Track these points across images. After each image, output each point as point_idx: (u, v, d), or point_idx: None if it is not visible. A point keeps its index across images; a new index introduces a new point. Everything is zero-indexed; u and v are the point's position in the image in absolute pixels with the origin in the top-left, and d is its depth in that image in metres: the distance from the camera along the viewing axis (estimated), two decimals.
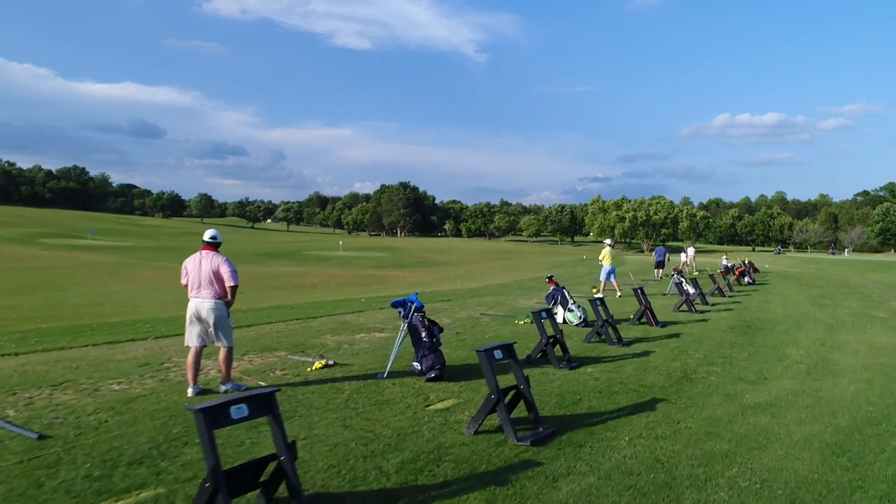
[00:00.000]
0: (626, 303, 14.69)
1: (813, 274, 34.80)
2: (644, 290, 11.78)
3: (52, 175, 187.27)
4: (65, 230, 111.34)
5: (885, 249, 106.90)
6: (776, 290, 21.39)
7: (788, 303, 16.75)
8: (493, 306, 14.47)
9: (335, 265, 69.50)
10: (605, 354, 8.48)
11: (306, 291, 32.74)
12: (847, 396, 6.55)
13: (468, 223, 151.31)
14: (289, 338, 9.32)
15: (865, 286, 25.11)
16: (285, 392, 6.00)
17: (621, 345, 9.15)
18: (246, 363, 7.46)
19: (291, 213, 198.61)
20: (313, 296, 26.82)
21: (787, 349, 9.27)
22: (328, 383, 6.47)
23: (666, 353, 8.66)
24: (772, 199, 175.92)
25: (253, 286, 39.89)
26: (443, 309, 13.57)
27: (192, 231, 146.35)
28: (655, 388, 6.59)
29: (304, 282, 42.15)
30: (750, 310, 14.63)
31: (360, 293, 28.79)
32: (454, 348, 8.61)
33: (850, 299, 18.32)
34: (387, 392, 6.15)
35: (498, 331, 10.35)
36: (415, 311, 6.87)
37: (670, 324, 11.66)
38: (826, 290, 21.93)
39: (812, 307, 15.74)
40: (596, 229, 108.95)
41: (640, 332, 10.50)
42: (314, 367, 7.10)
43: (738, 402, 6.15)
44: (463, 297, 17.64)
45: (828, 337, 10.73)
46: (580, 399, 6.07)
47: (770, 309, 15.00)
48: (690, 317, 12.89)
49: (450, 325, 11.08)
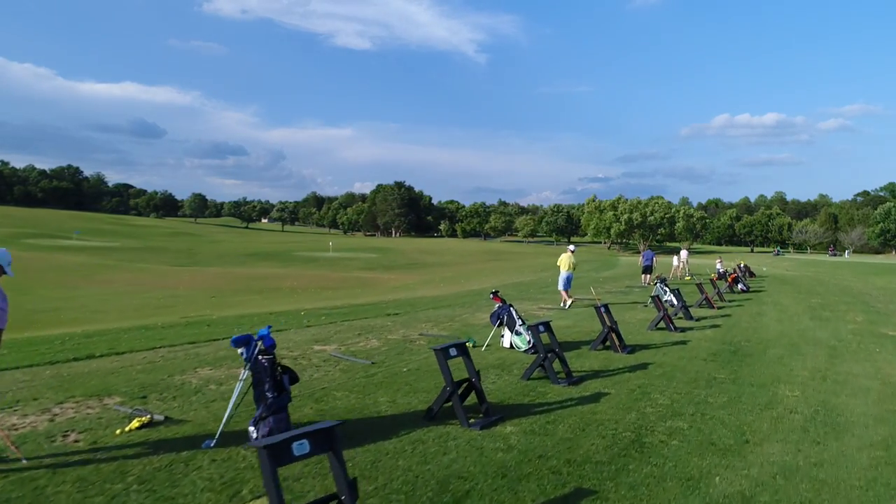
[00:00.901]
0: (593, 321, 12.73)
1: (812, 278, 32.86)
2: (609, 307, 9.83)
3: (45, 174, 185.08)
4: (52, 230, 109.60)
5: (886, 251, 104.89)
6: (772, 298, 19.47)
7: (784, 316, 14.82)
8: (442, 322, 12.54)
9: (322, 267, 68.04)
10: (542, 400, 6.53)
11: (280, 297, 30.86)
12: (857, 476, 4.63)
13: (463, 223, 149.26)
14: (149, 373, 7.37)
15: (869, 293, 23.18)
16: (31, 476, 4.07)
17: (568, 382, 7.20)
18: (43, 418, 5.50)
19: (286, 213, 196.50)
20: (280, 303, 24.91)
21: (778, 388, 7.32)
22: (118, 461, 4.53)
23: (622, 396, 6.72)
24: (771, 200, 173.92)
25: (228, 289, 38.11)
26: (380, 327, 11.63)
27: (184, 231, 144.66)
28: (588, 465, 4.65)
29: (284, 285, 40.37)
30: (739, 326, 12.69)
31: (339, 298, 26.88)
32: (345, 392, 6.67)
33: (854, 311, 16.39)
34: (190, 477, 4.22)
35: (425, 360, 8.42)
36: (259, 352, 4.93)
37: (641, 348, 9.72)
38: (827, 298, 20.01)
39: (811, 322, 13.81)
40: (592, 230, 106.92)
41: (600, 362, 8.56)
42: (126, 429, 5.17)
43: (702, 495, 4.21)
44: (421, 307, 15.70)
45: (829, 367, 8.80)
46: (469, 491, 4.13)
47: (763, 325, 13.06)
48: (668, 337, 10.95)
49: (374, 349, 9.15)
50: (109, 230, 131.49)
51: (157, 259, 72.40)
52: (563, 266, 15.86)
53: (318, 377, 7.25)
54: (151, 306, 26.34)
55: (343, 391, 6.65)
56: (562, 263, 15.94)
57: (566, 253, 16.17)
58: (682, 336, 11.09)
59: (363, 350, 9.13)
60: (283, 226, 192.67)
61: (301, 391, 6.51)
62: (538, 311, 14.64)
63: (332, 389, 6.70)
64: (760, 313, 15.25)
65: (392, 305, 16.49)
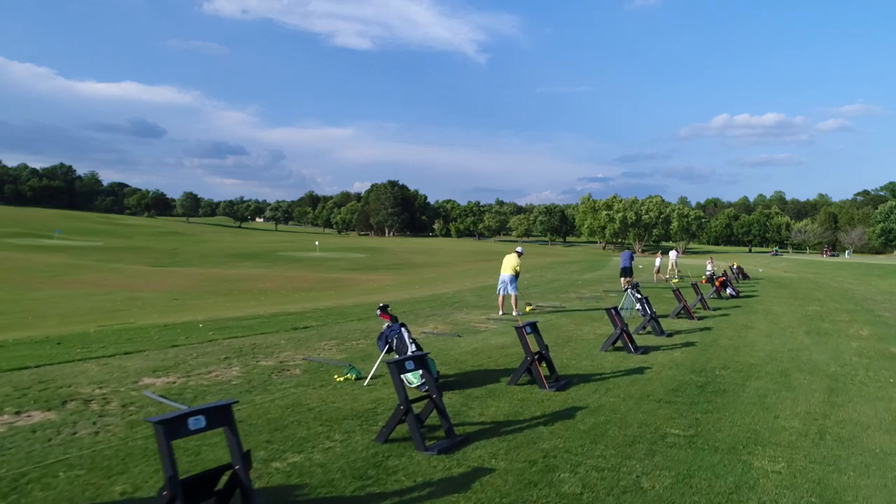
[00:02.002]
0: None
1: (810, 281, 30.50)
2: (536, 326, 7.42)
3: (36, 173, 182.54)
4: (36, 230, 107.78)
5: (887, 251, 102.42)
6: (764, 306, 17.12)
7: (775, 330, 12.46)
8: (352, 339, 10.17)
9: (304, 267, 66.34)
10: (394, 487, 4.16)
11: (246, 299, 28.52)
12: None
13: (457, 223, 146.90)
14: None
15: (873, 299, 20.84)
16: None
17: (442, 449, 4.83)
18: None
19: (280, 213, 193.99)
20: (239, 307, 22.57)
21: (754, 456, 4.95)
22: None
23: (510, 478, 4.36)
24: (770, 199, 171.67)
25: (195, 291, 35.80)
26: (266, 346, 9.25)
27: (173, 231, 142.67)
28: None
29: (255, 287, 38.23)
30: (718, 345, 10.33)
31: (311, 300, 24.58)
32: (73, 472, 4.29)
33: (858, 322, 14.04)
34: None
35: (269, 407, 6.06)
36: None
37: (580, 380, 7.36)
38: (826, 305, 17.65)
39: (807, 338, 11.46)
40: (586, 230, 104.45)
41: (512, 406, 6.20)
42: None
43: None
44: (350, 317, 13.31)
45: (829, 411, 6.44)
46: None
47: (748, 343, 10.70)
48: (623, 362, 8.59)
49: (222, 383, 6.79)
50: (98, 229, 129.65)
51: (136, 259, 70.61)
52: (503, 268, 13.71)
53: (57, 443, 4.85)
54: (101, 310, 24.37)
55: (73, 469, 4.29)
56: (503, 265, 13.78)
57: (511, 254, 13.97)
58: (642, 360, 8.72)
59: (208, 384, 6.77)
60: (276, 225, 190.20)
61: (9, 469, 4.18)
62: (484, 325, 12.30)
63: (52, 467, 4.33)
64: (748, 326, 12.89)
65: (316, 315, 14.11)
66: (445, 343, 9.89)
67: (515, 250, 14.21)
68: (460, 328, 11.59)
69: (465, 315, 13.63)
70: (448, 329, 11.42)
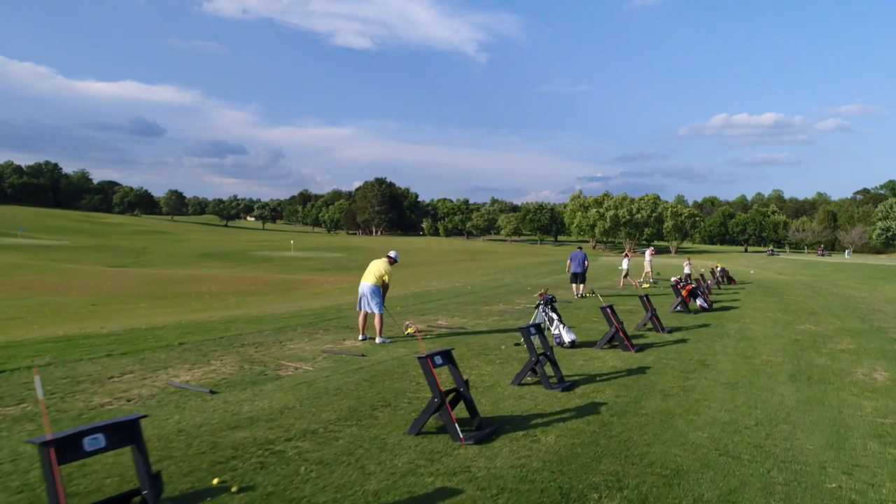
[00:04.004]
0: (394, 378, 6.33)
1: (806, 285, 26.37)
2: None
3: (19, 170, 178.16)
4: (4, 227, 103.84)
5: (888, 251, 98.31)
6: (739, 325, 13.00)
7: (744, 372, 8.30)
8: (246, 353, 6.09)
9: (270, 268, 62.98)
10: None
11: (173, 305, 24.53)
12: None
13: (445, 221, 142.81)
14: None
15: (882, 311, 16.77)
16: None
17: None
18: None
19: (267, 211, 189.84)
20: (153, 314, 18.66)
21: None
22: None
23: None
24: (769, 198, 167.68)
25: (129, 295, 31.73)
26: (116, 371, 5.18)
27: (153, 229, 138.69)
28: None
29: (195, 290, 34.45)
30: (640, 411, 6.19)
31: (239, 306, 20.72)
32: None
33: (868, 354, 9.90)
34: None
35: None
36: None
37: None
38: (823, 323, 13.55)
39: (791, 390, 7.32)
40: (575, 228, 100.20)
41: None
42: None
43: None
44: (267, 322, 9.24)
45: None
46: None
47: (693, 402, 6.57)
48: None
49: None
50: (74, 228, 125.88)
51: (96, 259, 67.22)
52: (364, 276, 9.78)
53: None
54: (3, 317, 20.83)
55: None
56: (366, 273, 9.84)
57: (381, 259, 9.98)
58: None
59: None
60: (263, 224, 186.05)
61: None
62: (309, 362, 8.19)
63: None
64: (705, 363, 8.74)
65: (222, 324, 10.05)
66: (166, 412, 5.72)
67: (388, 254, 10.14)
68: (253, 370, 7.46)
69: (305, 343, 9.53)
70: (218, 376, 7.27)
